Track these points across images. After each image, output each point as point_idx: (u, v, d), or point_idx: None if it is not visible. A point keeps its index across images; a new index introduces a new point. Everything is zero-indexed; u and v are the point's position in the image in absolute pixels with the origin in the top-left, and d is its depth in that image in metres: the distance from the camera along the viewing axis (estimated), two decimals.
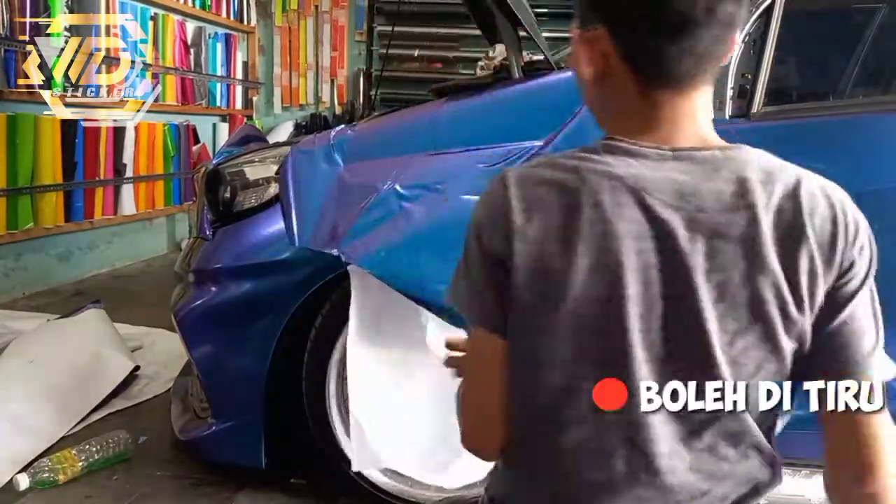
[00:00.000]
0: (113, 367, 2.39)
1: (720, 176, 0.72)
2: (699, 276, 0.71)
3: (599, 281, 0.70)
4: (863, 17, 2.27)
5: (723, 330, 0.71)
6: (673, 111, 0.75)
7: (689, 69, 0.73)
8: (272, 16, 6.13)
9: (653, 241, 0.71)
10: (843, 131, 1.61)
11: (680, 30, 0.71)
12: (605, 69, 0.76)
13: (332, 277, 1.66)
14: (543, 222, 0.72)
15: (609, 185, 0.72)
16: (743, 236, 0.71)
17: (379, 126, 1.81)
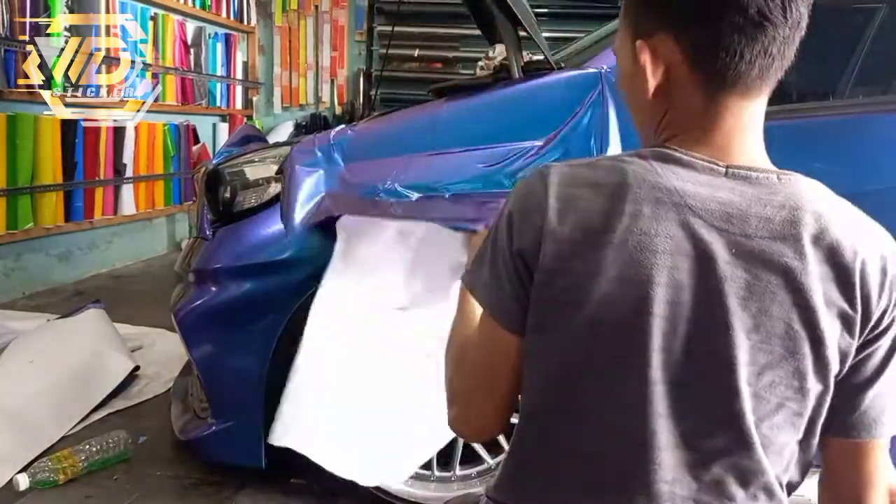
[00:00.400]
0: (113, 367, 2.39)
1: (772, 201, 0.69)
2: (734, 302, 0.68)
3: (626, 293, 0.68)
4: (863, 17, 2.27)
5: (752, 362, 0.69)
6: (735, 120, 0.72)
7: (761, 72, 0.70)
8: (272, 16, 6.13)
9: (689, 260, 0.68)
10: (843, 131, 1.61)
11: (757, 27, 0.69)
12: (668, 78, 0.73)
13: None
14: (577, 225, 0.69)
15: (653, 196, 0.69)
16: (787, 268, 0.68)
17: (379, 126, 1.81)
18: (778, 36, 0.69)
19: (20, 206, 3.58)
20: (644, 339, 0.68)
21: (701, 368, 0.69)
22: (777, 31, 0.69)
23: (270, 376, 1.71)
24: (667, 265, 0.68)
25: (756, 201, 0.69)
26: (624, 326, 0.68)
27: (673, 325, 0.68)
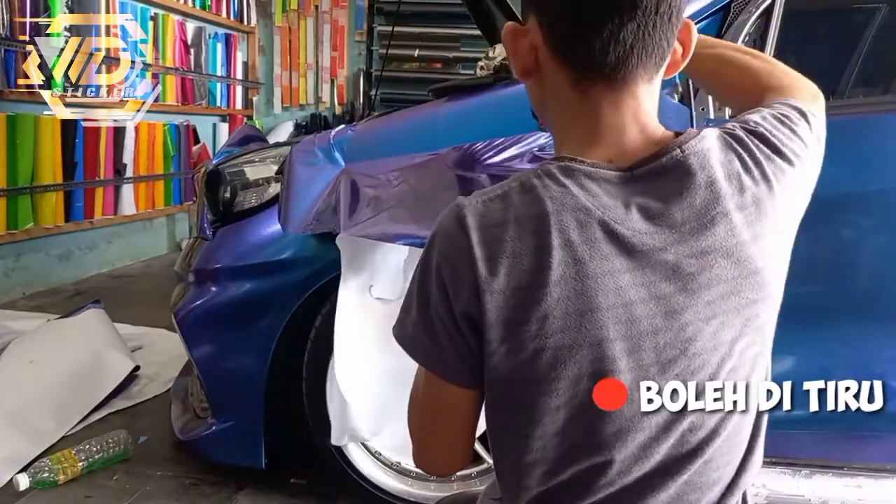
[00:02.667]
0: (113, 367, 2.39)
1: (688, 185, 0.68)
2: (687, 299, 0.67)
3: (579, 325, 0.66)
4: (863, 17, 2.27)
5: (719, 344, 0.68)
6: (613, 112, 0.70)
7: (618, 59, 0.68)
8: (272, 16, 6.13)
9: (631, 274, 0.66)
10: (843, 131, 1.61)
11: (601, 13, 0.67)
12: (536, 63, 0.73)
13: (332, 278, 1.65)
14: (511, 270, 0.66)
15: (575, 218, 0.66)
16: (725, 248, 0.68)
17: (379, 126, 1.81)
18: (628, 24, 0.66)
19: (20, 206, 3.58)
20: (612, 365, 0.66)
21: (676, 375, 0.68)
22: (624, 17, 0.66)
23: (270, 376, 1.71)
24: (612, 287, 0.66)
25: (673, 194, 0.68)
26: (591, 361, 0.66)
27: (636, 344, 0.67)
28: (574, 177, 0.68)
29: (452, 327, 0.69)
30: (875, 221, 1.57)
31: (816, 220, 1.62)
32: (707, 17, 1.57)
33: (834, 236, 1.59)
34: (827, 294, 1.63)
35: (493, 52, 1.83)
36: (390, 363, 1.64)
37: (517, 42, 0.73)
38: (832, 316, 1.61)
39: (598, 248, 0.66)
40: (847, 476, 1.80)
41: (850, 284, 1.62)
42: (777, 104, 0.81)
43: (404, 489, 1.74)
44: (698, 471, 0.70)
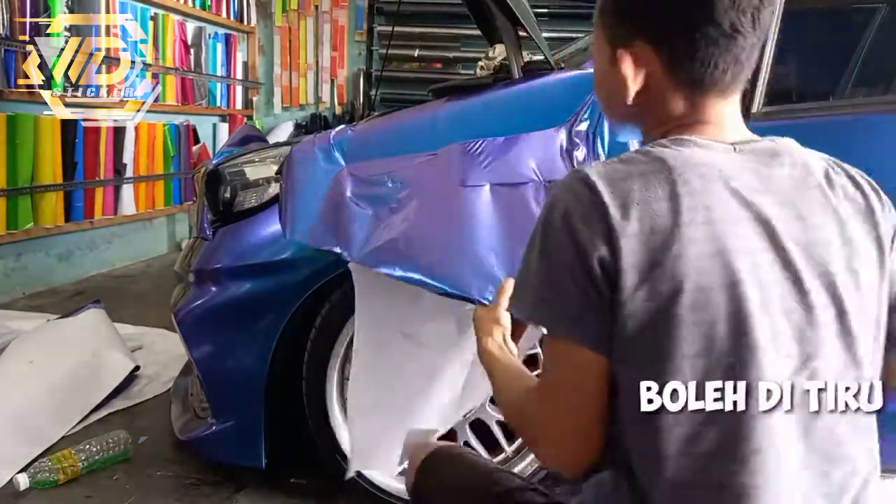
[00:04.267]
0: (113, 367, 2.39)
1: (781, 162, 0.76)
2: (800, 254, 0.72)
3: (713, 267, 0.69)
4: (863, 17, 2.27)
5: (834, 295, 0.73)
6: (717, 114, 0.79)
7: (733, 77, 0.77)
8: (272, 16, 6.13)
9: (751, 224, 0.71)
10: (843, 131, 1.61)
11: (729, 39, 0.74)
12: (647, 84, 0.78)
13: (332, 278, 1.66)
14: (644, 217, 0.70)
15: (698, 171, 0.72)
16: (826, 211, 0.75)
17: (379, 126, 1.81)
18: (747, 45, 0.75)
19: (20, 206, 3.57)
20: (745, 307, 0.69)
21: (797, 327, 0.71)
22: (746, 41, 0.75)
23: (270, 376, 1.71)
24: (737, 232, 0.71)
25: (770, 165, 0.76)
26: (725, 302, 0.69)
27: (763, 289, 0.70)
28: (686, 144, 0.75)
29: (586, 281, 0.70)
30: None
31: None
32: None
33: None
34: None
35: (493, 52, 1.83)
36: (405, 386, 1.63)
37: (636, 69, 0.78)
38: None
39: (721, 198, 0.71)
40: None
41: None
42: None
43: (404, 489, 1.74)
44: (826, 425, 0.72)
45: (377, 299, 1.57)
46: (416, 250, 1.45)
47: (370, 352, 1.58)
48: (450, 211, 1.48)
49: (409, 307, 1.59)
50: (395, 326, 1.60)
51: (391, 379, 1.61)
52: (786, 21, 1.56)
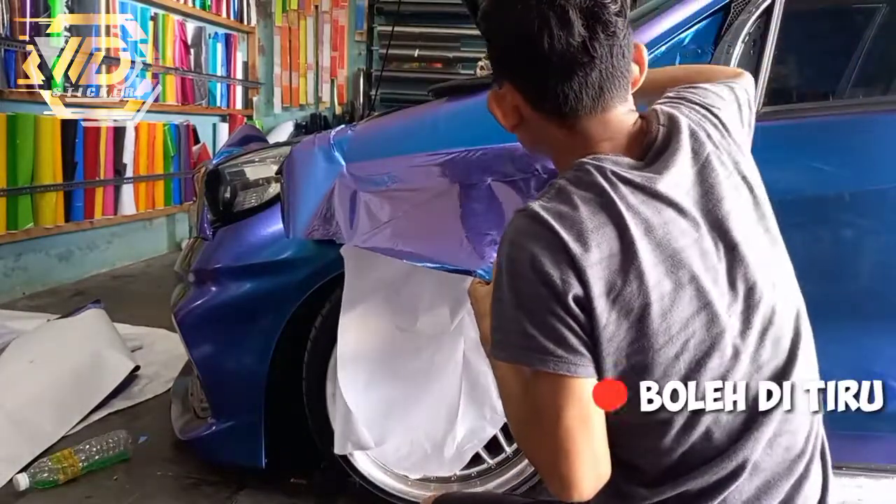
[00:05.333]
0: (113, 367, 2.39)
1: (676, 148, 0.80)
2: (724, 228, 0.78)
3: (671, 269, 0.74)
4: (863, 17, 2.27)
5: (764, 259, 0.80)
6: (604, 129, 0.83)
7: (594, 100, 0.80)
8: (272, 16, 6.13)
9: (684, 220, 0.77)
10: (843, 131, 1.61)
11: (568, 71, 0.78)
12: (521, 118, 0.85)
13: (332, 278, 1.65)
14: (600, 242, 0.73)
15: (627, 188, 0.76)
16: (730, 180, 0.82)
17: (379, 126, 1.81)
18: (591, 72, 0.78)
19: (20, 206, 3.57)
20: (707, 297, 0.75)
21: (743, 294, 0.79)
22: (587, 68, 0.77)
23: (271, 376, 1.71)
24: (678, 232, 0.76)
25: (670, 157, 0.80)
26: (688, 298, 0.75)
27: (713, 274, 0.76)
28: (604, 162, 0.79)
29: (569, 317, 0.73)
30: (875, 221, 1.57)
31: (816, 220, 1.63)
32: (707, 17, 1.57)
33: (834, 236, 1.59)
34: (827, 294, 1.63)
35: None
36: (395, 373, 1.64)
37: (502, 105, 0.85)
38: (832, 316, 1.60)
39: (654, 206, 0.76)
40: (847, 476, 1.80)
41: (850, 284, 1.62)
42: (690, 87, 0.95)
43: (404, 489, 1.74)
44: (798, 370, 0.79)
45: (366, 281, 1.58)
46: (413, 230, 1.47)
47: (355, 333, 1.59)
48: (448, 199, 1.49)
49: (398, 291, 1.60)
50: (382, 310, 1.61)
51: (377, 362, 1.62)
52: (786, 21, 1.56)
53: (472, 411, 1.68)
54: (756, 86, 1.57)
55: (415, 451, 1.68)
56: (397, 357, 1.64)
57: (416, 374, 1.64)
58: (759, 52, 1.57)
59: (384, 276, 1.59)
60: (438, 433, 1.67)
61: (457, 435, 1.68)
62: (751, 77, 1.07)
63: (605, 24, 0.77)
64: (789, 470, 0.78)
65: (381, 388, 1.63)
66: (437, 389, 1.65)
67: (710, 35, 1.58)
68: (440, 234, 1.46)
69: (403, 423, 1.66)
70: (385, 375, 1.63)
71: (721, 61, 1.56)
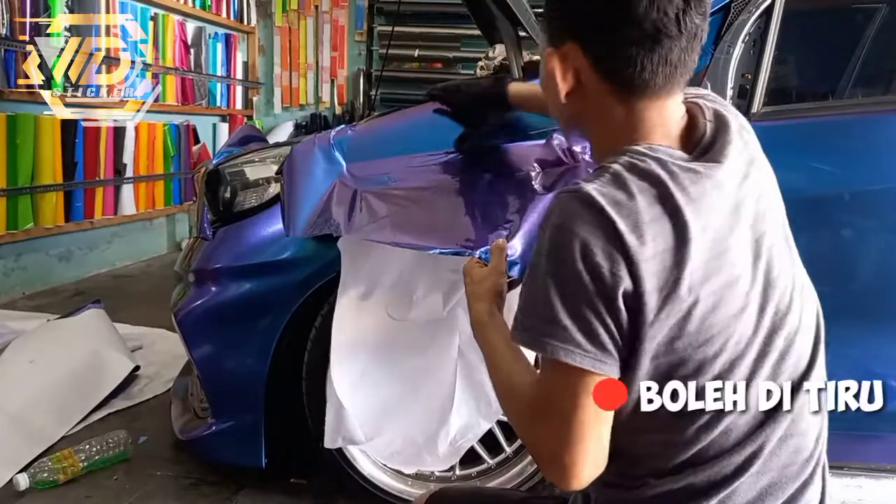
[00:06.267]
0: (113, 367, 2.39)
1: (726, 141, 0.78)
2: (765, 225, 0.78)
3: (719, 269, 0.73)
4: (863, 17, 2.27)
5: (788, 258, 0.81)
6: (660, 116, 0.78)
7: (665, 79, 0.76)
8: (272, 16, 6.13)
9: (733, 215, 0.75)
10: (843, 131, 1.61)
11: (654, 41, 0.73)
12: (578, 85, 0.79)
13: (332, 278, 1.65)
14: (656, 235, 0.70)
15: (688, 178, 0.74)
16: (767, 179, 0.83)
17: (379, 126, 1.81)
18: (675, 47, 0.75)
19: (20, 206, 3.57)
20: (745, 300, 0.75)
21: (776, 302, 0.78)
22: (673, 42, 0.74)
23: (270, 376, 1.71)
24: (731, 228, 0.75)
25: (724, 150, 0.78)
26: (731, 298, 0.74)
27: (755, 275, 0.76)
28: (659, 152, 0.76)
29: (609, 314, 0.70)
30: (875, 221, 1.57)
31: (817, 220, 1.63)
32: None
33: (834, 236, 1.59)
34: (827, 294, 1.62)
35: (493, 52, 1.84)
36: (389, 367, 1.64)
37: (564, 68, 0.79)
38: (832, 316, 1.60)
39: (711, 200, 0.73)
40: (847, 476, 1.80)
41: (851, 284, 1.61)
42: None
43: (404, 489, 1.75)
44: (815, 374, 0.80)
45: (361, 271, 1.58)
46: (412, 221, 1.47)
47: (349, 323, 1.58)
48: (447, 193, 1.50)
49: (393, 280, 1.60)
50: (376, 300, 1.60)
51: (371, 355, 1.61)
52: (786, 21, 1.56)
53: (467, 406, 1.65)
54: (756, 86, 1.58)
55: (407, 445, 1.66)
56: (391, 350, 1.63)
57: (411, 368, 1.63)
58: (759, 52, 1.57)
59: (379, 266, 1.58)
60: (432, 427, 1.66)
61: (451, 430, 1.65)
62: None
63: (700, 1, 0.75)
64: (797, 473, 0.78)
65: (374, 382, 1.62)
66: (432, 383, 1.64)
67: (710, 35, 1.58)
68: (439, 223, 1.46)
69: (396, 418, 1.65)
70: (379, 369, 1.62)
71: (721, 61, 1.56)
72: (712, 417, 0.74)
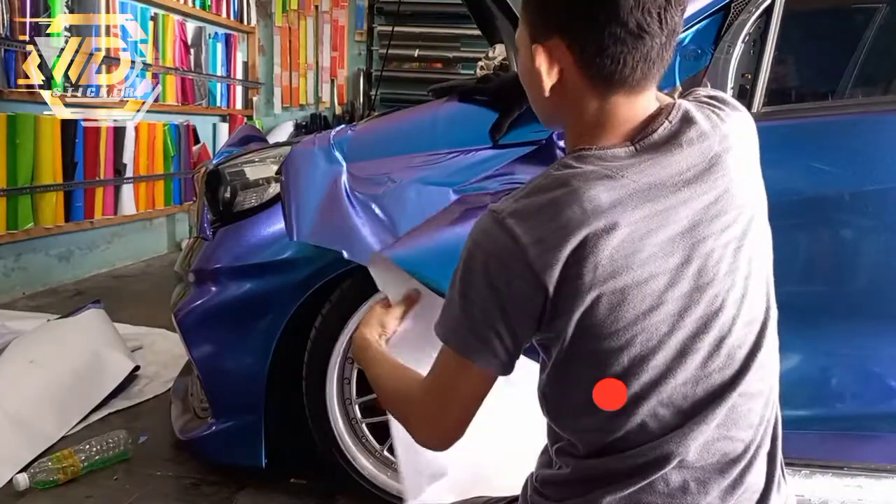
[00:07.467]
0: (113, 367, 2.39)
1: (680, 142, 0.79)
2: (706, 229, 0.78)
3: (626, 267, 0.75)
4: (863, 17, 2.27)
5: (738, 265, 0.79)
6: (628, 112, 0.81)
7: (643, 74, 0.79)
8: (272, 16, 6.13)
9: (659, 217, 0.76)
10: (843, 131, 1.61)
11: (636, 38, 0.76)
12: (559, 79, 0.81)
13: (332, 277, 1.66)
14: (559, 244, 0.74)
15: (601, 183, 0.76)
16: (725, 182, 0.80)
17: (379, 126, 1.81)
18: (656, 44, 0.77)
19: (20, 206, 3.57)
20: (658, 299, 0.76)
21: (702, 302, 0.78)
22: (654, 40, 0.77)
23: (270, 376, 1.71)
24: (646, 230, 0.76)
25: (669, 151, 0.79)
26: (639, 297, 0.76)
27: (674, 276, 0.77)
28: (588, 160, 0.79)
29: (503, 321, 0.78)
30: (875, 221, 1.57)
31: (816, 220, 1.63)
32: (707, 17, 1.57)
33: (834, 236, 1.59)
34: (827, 294, 1.63)
35: (493, 52, 1.84)
36: None
37: (550, 63, 0.81)
38: (832, 315, 1.60)
39: (627, 202, 0.75)
40: (847, 476, 1.80)
41: (851, 284, 1.62)
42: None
43: None
44: (749, 380, 0.80)
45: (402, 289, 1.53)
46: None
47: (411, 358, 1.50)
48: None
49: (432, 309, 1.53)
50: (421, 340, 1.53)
51: None
52: (786, 21, 1.56)
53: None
54: (756, 86, 1.58)
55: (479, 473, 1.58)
56: None
57: None
58: (759, 52, 1.57)
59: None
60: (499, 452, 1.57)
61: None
62: None
63: (673, 2, 0.77)
64: (721, 472, 0.80)
65: None
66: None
67: (710, 35, 1.58)
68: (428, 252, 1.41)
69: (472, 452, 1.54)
70: None
71: (721, 61, 1.56)
72: (624, 410, 0.77)
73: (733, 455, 0.80)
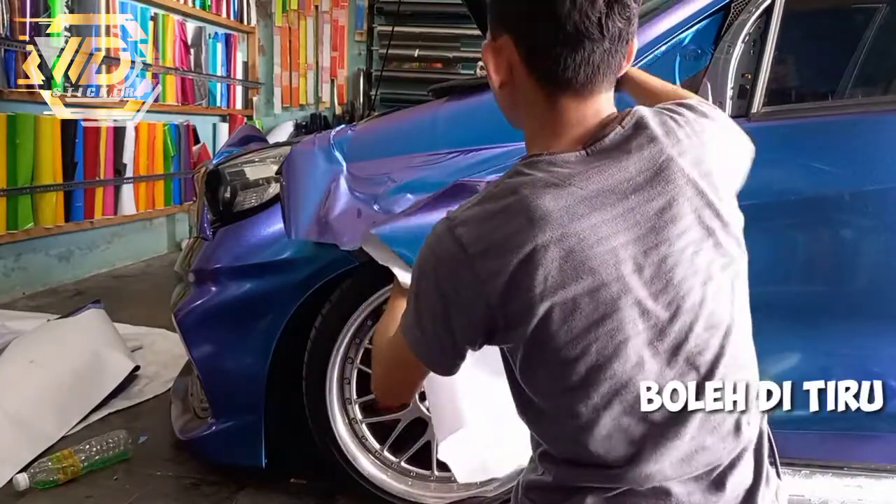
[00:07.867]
0: (113, 367, 2.39)
1: (629, 149, 0.78)
2: (659, 236, 0.76)
3: (576, 276, 0.74)
4: (863, 17, 2.27)
5: (697, 269, 0.77)
6: (577, 115, 0.81)
7: (588, 78, 0.79)
8: (272, 16, 6.13)
9: (608, 225, 0.75)
10: (843, 131, 1.61)
11: (576, 41, 0.76)
12: (511, 77, 0.83)
13: (332, 277, 1.66)
14: (507, 251, 0.74)
15: (548, 192, 0.75)
16: (679, 186, 0.78)
17: (379, 126, 1.82)
18: (598, 49, 0.77)
19: (20, 206, 3.57)
20: (611, 307, 0.75)
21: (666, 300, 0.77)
22: (596, 45, 0.77)
23: (270, 376, 1.71)
24: (595, 238, 0.75)
25: (619, 158, 0.78)
26: (590, 307, 0.75)
27: (624, 284, 0.75)
28: (538, 167, 0.78)
29: (442, 325, 0.80)
30: (874, 221, 1.57)
31: (816, 220, 1.63)
32: (707, 17, 1.57)
33: (834, 236, 1.59)
34: (827, 294, 1.63)
35: None
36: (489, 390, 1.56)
37: (497, 59, 0.83)
38: (832, 315, 1.61)
39: (575, 211, 0.75)
40: (847, 476, 1.80)
41: (850, 284, 1.62)
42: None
43: (404, 489, 1.74)
44: None
45: None
46: None
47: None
48: None
49: None
50: None
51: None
52: (786, 21, 1.56)
53: None
54: (756, 86, 1.58)
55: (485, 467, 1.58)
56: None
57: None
58: (759, 52, 1.57)
59: None
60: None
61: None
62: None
63: (623, 6, 0.77)
64: (706, 476, 0.79)
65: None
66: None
67: (710, 35, 1.58)
68: None
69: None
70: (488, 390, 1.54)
71: (721, 61, 1.56)
72: (588, 422, 0.77)
73: (716, 463, 0.79)
